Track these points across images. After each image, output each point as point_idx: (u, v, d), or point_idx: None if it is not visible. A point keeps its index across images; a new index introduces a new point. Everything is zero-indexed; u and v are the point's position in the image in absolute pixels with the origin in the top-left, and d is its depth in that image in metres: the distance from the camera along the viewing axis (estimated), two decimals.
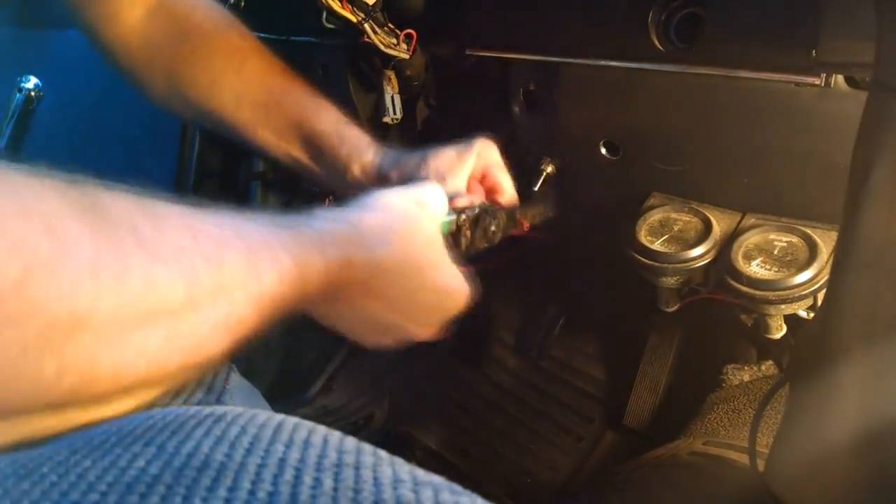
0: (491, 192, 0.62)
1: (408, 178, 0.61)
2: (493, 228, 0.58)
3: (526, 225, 0.62)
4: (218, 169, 1.07)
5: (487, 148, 0.62)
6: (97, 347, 0.27)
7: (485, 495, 0.25)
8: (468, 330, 1.02)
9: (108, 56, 0.67)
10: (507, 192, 0.62)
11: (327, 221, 0.43)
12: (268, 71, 0.67)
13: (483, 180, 0.62)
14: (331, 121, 0.66)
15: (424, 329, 0.50)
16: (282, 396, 0.94)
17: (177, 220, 0.33)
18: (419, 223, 0.48)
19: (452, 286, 0.50)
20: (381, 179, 0.64)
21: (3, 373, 0.24)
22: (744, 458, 0.61)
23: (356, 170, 0.65)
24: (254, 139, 0.68)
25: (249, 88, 0.66)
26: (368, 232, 0.45)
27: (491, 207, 0.58)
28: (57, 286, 0.25)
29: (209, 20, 0.67)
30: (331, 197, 0.92)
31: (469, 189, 0.61)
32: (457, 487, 0.24)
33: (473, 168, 0.61)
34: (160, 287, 0.29)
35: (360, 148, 0.65)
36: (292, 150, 0.68)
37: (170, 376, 0.32)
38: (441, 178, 0.59)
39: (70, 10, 0.64)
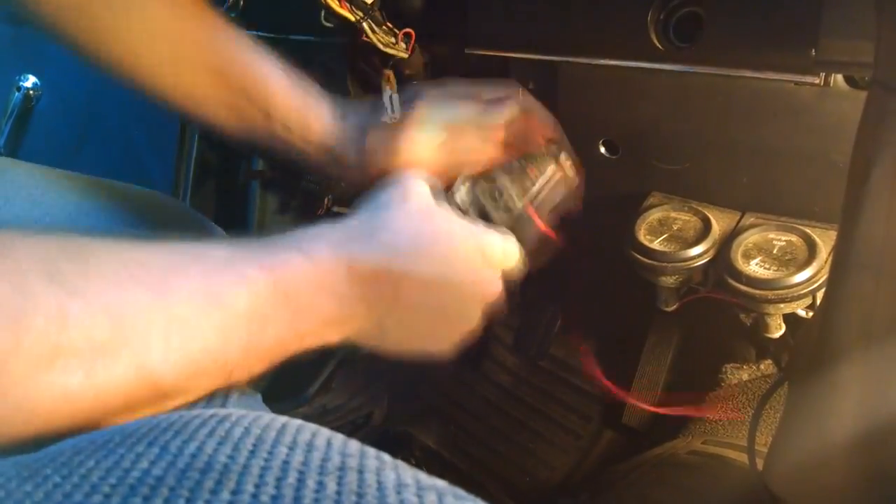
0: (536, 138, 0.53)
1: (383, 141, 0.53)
2: (500, 194, 0.50)
3: (535, 174, 0.52)
4: (217, 168, 1.07)
5: (512, 103, 0.52)
6: (9, 389, 0.27)
7: (483, 494, 0.25)
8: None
9: None
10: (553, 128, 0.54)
11: (305, 230, 0.40)
12: (215, 27, 0.54)
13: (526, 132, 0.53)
14: (285, 81, 0.55)
15: (467, 319, 0.46)
16: (280, 396, 0.94)
17: (109, 254, 0.31)
18: (412, 203, 0.44)
19: (474, 258, 0.45)
20: (347, 142, 0.55)
21: None
22: (743, 458, 0.61)
23: (314, 126, 0.55)
24: (196, 107, 0.55)
25: (192, 49, 0.53)
26: (359, 227, 0.42)
27: (493, 173, 0.51)
28: None
29: None
30: (330, 197, 0.91)
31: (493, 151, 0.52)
32: (461, 492, 0.24)
33: (497, 131, 0.52)
34: (74, 323, 0.28)
35: (313, 106, 0.55)
36: (243, 121, 0.55)
37: (135, 406, 0.30)
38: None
39: None
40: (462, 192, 0.50)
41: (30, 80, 1.16)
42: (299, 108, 0.54)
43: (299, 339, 0.38)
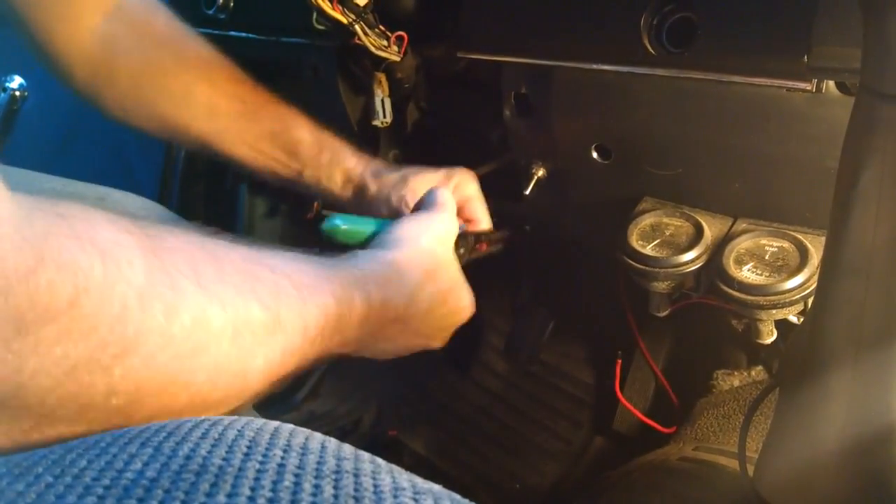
0: (467, 222, 0.64)
1: (386, 194, 0.64)
2: (461, 251, 0.62)
3: (484, 247, 0.65)
4: (205, 171, 1.06)
5: (466, 180, 0.65)
6: (145, 373, 0.28)
7: (473, 500, 0.25)
8: (458, 334, 1.01)
9: (58, 65, 0.61)
10: (484, 223, 0.65)
11: (368, 261, 0.46)
12: (238, 81, 0.66)
13: (461, 211, 0.64)
14: (309, 128, 0.67)
15: (439, 341, 0.55)
16: (269, 401, 0.93)
17: (238, 262, 0.35)
18: (441, 258, 0.52)
19: (464, 303, 0.54)
20: (360, 188, 0.66)
21: (54, 387, 0.26)
22: (734, 464, 0.61)
23: (337, 177, 0.66)
24: (229, 151, 0.66)
25: (223, 99, 0.64)
26: (404, 271, 0.48)
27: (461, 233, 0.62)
28: (108, 309, 0.27)
29: (172, 29, 0.65)
30: (319, 202, 0.91)
31: None
32: (456, 496, 0.24)
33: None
34: (211, 327, 0.31)
35: (340, 154, 0.67)
36: (271, 160, 0.67)
37: (209, 408, 0.33)
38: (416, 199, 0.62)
39: (13, 11, 0.58)
40: None
41: (16, 81, 1.14)
42: (328, 164, 0.67)
43: (342, 349, 0.43)
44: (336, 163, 0.66)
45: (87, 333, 0.26)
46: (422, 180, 0.63)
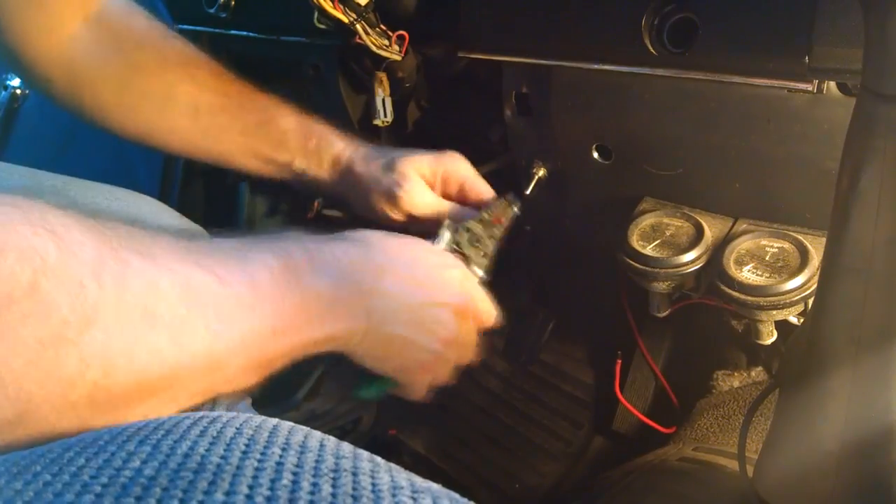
0: (472, 201, 0.64)
1: (375, 178, 0.64)
2: (478, 240, 0.61)
3: (501, 220, 0.64)
4: (205, 169, 1.06)
5: (457, 160, 0.65)
6: (110, 342, 0.30)
7: (472, 500, 0.25)
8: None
9: (36, 74, 0.61)
10: (488, 196, 0.65)
11: (296, 233, 0.46)
12: (221, 77, 0.66)
13: (462, 193, 0.64)
14: (294, 117, 0.67)
15: (437, 345, 0.53)
16: (268, 400, 0.93)
17: (172, 242, 0.36)
18: (414, 249, 0.52)
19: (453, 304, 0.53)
20: (347, 171, 0.66)
21: (28, 367, 0.27)
22: (733, 464, 0.61)
23: (326, 162, 0.66)
24: (215, 148, 0.66)
25: (206, 95, 0.64)
26: (350, 238, 0.48)
27: (460, 223, 0.61)
28: (66, 287, 0.29)
29: (152, 31, 0.65)
30: (319, 199, 0.91)
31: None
32: (455, 495, 0.24)
33: (444, 183, 0.64)
34: (160, 291, 0.32)
35: (327, 139, 0.67)
36: (259, 152, 0.66)
37: (187, 381, 0.34)
38: (407, 182, 0.62)
39: None
40: (445, 241, 0.59)
41: (17, 80, 1.14)
42: (315, 151, 0.67)
43: (309, 324, 0.42)
44: (324, 148, 0.66)
45: (48, 313, 0.28)
46: (410, 163, 0.63)
